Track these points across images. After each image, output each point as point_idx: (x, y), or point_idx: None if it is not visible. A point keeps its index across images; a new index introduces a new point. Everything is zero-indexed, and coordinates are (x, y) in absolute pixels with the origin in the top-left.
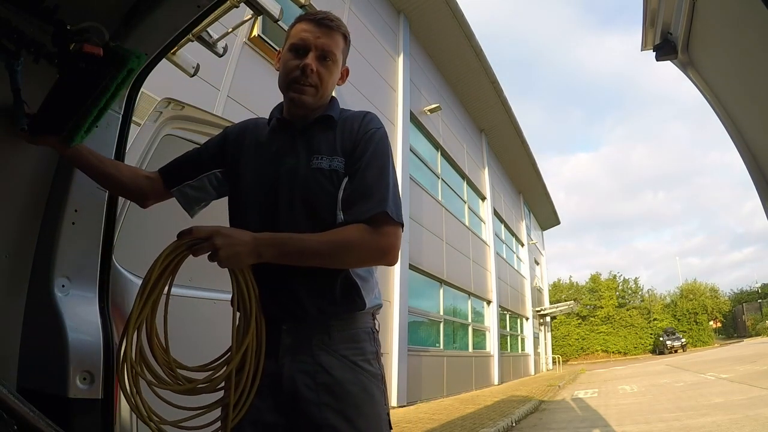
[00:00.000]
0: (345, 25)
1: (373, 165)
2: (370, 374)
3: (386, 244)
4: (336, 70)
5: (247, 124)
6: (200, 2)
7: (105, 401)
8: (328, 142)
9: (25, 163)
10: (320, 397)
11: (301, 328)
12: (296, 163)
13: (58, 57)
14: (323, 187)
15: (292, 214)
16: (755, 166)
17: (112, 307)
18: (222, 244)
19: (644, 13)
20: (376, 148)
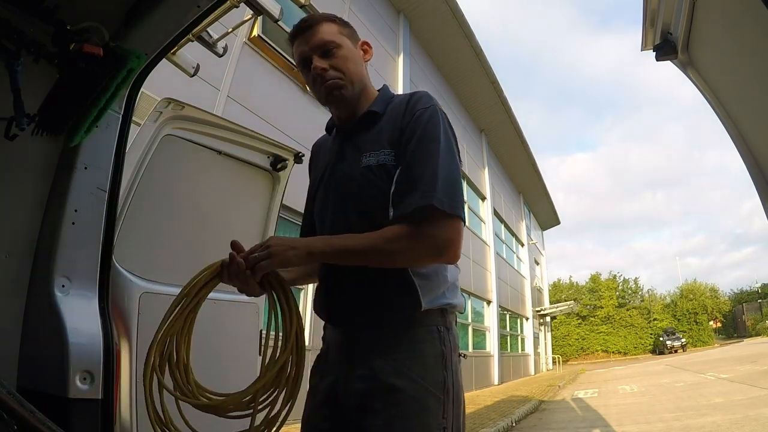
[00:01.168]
0: (328, 14)
1: (419, 150)
2: (425, 380)
3: (439, 241)
4: (348, 52)
5: (317, 142)
6: (200, 2)
7: (105, 401)
8: (374, 137)
9: (25, 163)
10: (371, 404)
11: (356, 331)
12: (347, 167)
13: (58, 57)
14: (372, 184)
15: (345, 218)
16: (755, 166)
17: (112, 307)
18: (276, 244)
19: (644, 13)
20: (424, 130)
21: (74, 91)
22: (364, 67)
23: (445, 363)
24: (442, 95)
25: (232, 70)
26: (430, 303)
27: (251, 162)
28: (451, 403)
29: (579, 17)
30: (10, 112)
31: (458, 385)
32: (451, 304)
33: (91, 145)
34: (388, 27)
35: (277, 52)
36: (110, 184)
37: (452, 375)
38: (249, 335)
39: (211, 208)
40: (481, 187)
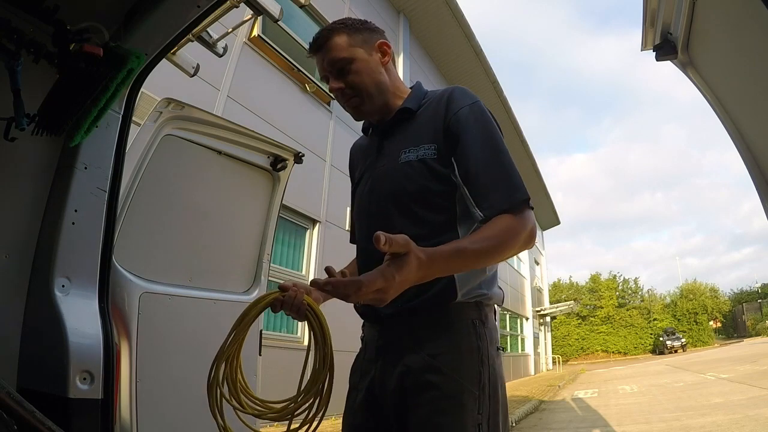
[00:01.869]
0: (338, 24)
1: (487, 148)
2: (460, 377)
3: (531, 230)
4: (362, 65)
5: (355, 144)
6: (200, 2)
7: (105, 401)
8: (412, 133)
9: (25, 163)
10: (408, 401)
11: (393, 327)
12: (386, 163)
13: (58, 57)
14: (412, 180)
15: (386, 214)
16: (755, 166)
17: (112, 307)
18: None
19: (644, 13)
20: (483, 128)
21: (74, 91)
22: (384, 71)
23: (481, 357)
24: None
25: (232, 70)
26: (466, 295)
27: (251, 162)
28: (487, 399)
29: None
30: (10, 112)
31: (495, 379)
32: (487, 296)
33: (91, 145)
34: (388, 27)
35: (277, 52)
36: (110, 184)
37: (488, 369)
38: (249, 335)
39: (211, 208)
40: None
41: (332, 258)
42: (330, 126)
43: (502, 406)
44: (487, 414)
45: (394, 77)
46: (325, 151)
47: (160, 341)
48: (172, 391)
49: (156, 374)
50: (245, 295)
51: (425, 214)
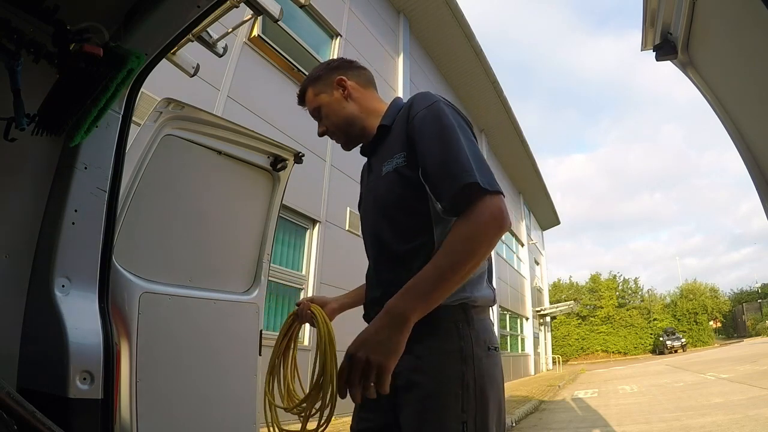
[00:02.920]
0: (306, 80)
1: (438, 143)
2: (443, 376)
3: (494, 213)
4: (328, 108)
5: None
6: (200, 2)
7: (105, 401)
8: (388, 146)
9: (25, 163)
10: (400, 399)
11: None
12: (374, 180)
13: (58, 57)
14: (390, 189)
15: (373, 223)
16: (755, 166)
17: (112, 307)
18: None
19: (644, 13)
20: (436, 125)
21: (74, 91)
22: (349, 103)
23: (464, 358)
24: (442, 95)
25: (232, 70)
26: (449, 298)
27: (251, 162)
28: (472, 397)
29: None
30: (10, 112)
31: (483, 378)
32: (471, 298)
33: (91, 145)
34: (388, 27)
35: (277, 52)
36: (110, 184)
37: (473, 369)
38: (249, 335)
39: (211, 208)
40: None
41: (332, 258)
42: None
43: (495, 405)
44: (474, 412)
45: (365, 102)
46: (325, 151)
47: (160, 341)
48: (172, 391)
49: (156, 374)
50: (245, 295)
51: (403, 219)
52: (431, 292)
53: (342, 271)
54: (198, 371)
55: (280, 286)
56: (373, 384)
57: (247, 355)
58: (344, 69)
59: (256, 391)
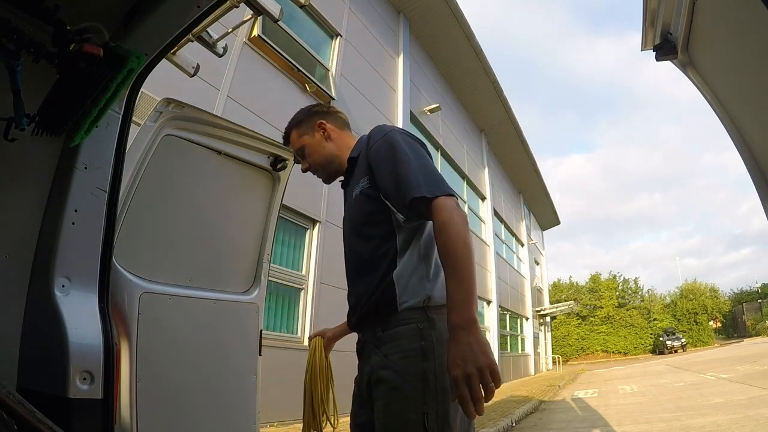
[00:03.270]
0: (290, 124)
1: (390, 164)
2: (405, 372)
3: (448, 217)
4: (310, 148)
5: None
6: (200, 2)
7: (105, 401)
8: (355, 174)
9: (25, 163)
10: (373, 394)
11: (365, 333)
12: (347, 204)
13: (58, 57)
14: (359, 207)
15: (348, 241)
16: (755, 166)
17: (112, 307)
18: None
19: (644, 13)
20: (388, 150)
21: (74, 91)
22: (329, 143)
23: (425, 356)
24: (442, 95)
25: (232, 70)
26: (407, 303)
27: (251, 162)
28: (433, 391)
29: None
30: (10, 112)
31: (444, 374)
32: (431, 299)
33: (91, 145)
34: (388, 27)
35: (277, 52)
36: (110, 184)
37: (434, 366)
38: (249, 335)
39: (211, 208)
40: (481, 187)
41: (332, 258)
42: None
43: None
44: (435, 404)
45: (341, 140)
46: None
47: (160, 341)
48: (172, 391)
49: (156, 374)
50: (245, 295)
51: (369, 231)
52: (468, 293)
53: (342, 271)
54: (198, 371)
55: (280, 286)
56: (492, 384)
57: (247, 355)
58: (323, 114)
59: (256, 391)
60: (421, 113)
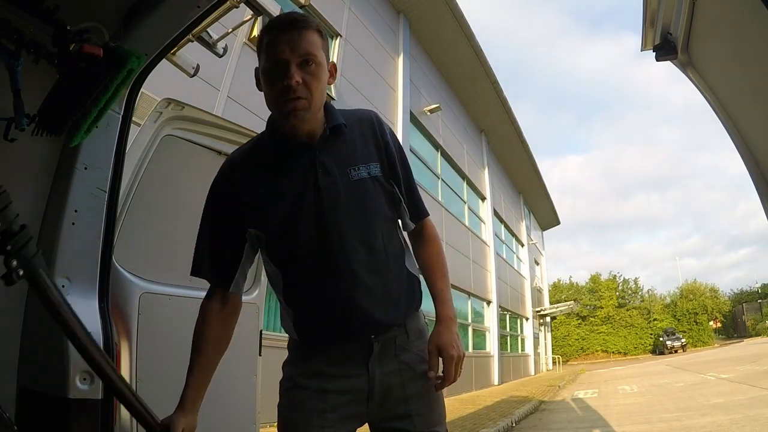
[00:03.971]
0: (315, 22)
1: (407, 174)
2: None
3: (435, 234)
4: (322, 72)
5: (243, 162)
6: (200, 2)
7: (105, 401)
8: (351, 150)
9: (25, 163)
10: (407, 391)
11: (386, 334)
12: (333, 180)
13: (58, 57)
14: (370, 196)
15: (349, 229)
16: (755, 166)
17: (112, 307)
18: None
19: (644, 13)
20: (401, 154)
21: (74, 91)
22: (325, 85)
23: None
24: (442, 95)
25: (232, 71)
26: (418, 308)
27: None
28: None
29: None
30: (10, 112)
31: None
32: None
33: (91, 145)
34: (388, 27)
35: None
36: (110, 184)
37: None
38: (249, 335)
39: None
40: (481, 187)
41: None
42: None
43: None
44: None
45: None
46: None
47: (160, 341)
48: (172, 391)
49: (156, 374)
50: (245, 295)
51: (382, 222)
52: (451, 293)
53: None
54: None
55: None
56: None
57: (247, 355)
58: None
59: (256, 391)
60: (421, 113)
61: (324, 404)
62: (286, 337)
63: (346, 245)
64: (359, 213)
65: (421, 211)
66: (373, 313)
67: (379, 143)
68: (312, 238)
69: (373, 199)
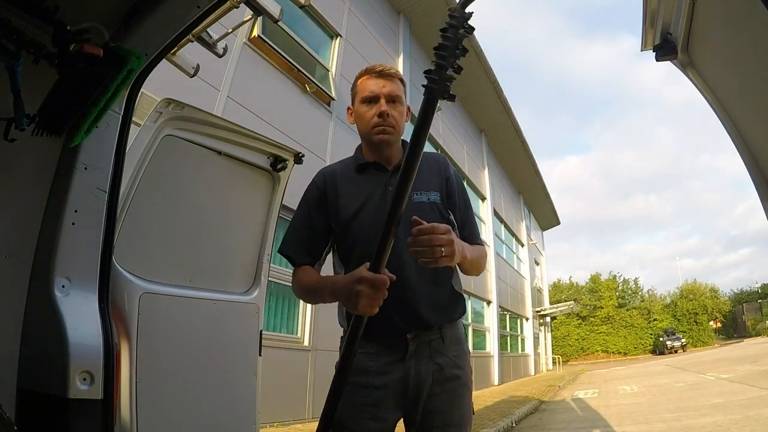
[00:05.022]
0: (401, 75)
1: (467, 208)
2: (466, 372)
3: (485, 258)
4: (402, 111)
5: (334, 171)
6: (200, 2)
7: (105, 402)
8: (420, 180)
9: (25, 163)
10: (434, 389)
11: (423, 335)
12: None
13: (58, 57)
14: (427, 216)
15: (403, 237)
16: (755, 166)
17: (112, 307)
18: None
19: (644, 13)
20: (463, 191)
21: (74, 91)
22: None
23: (469, 360)
24: None
25: (232, 71)
26: (456, 315)
27: (251, 162)
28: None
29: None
30: (10, 112)
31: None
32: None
33: (91, 145)
34: (388, 27)
35: (277, 52)
36: (110, 184)
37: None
38: (249, 335)
39: (211, 208)
40: (481, 187)
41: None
42: (330, 126)
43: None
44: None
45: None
46: (325, 151)
47: (160, 341)
48: (172, 391)
49: (156, 374)
50: (245, 296)
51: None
52: (468, 257)
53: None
54: (198, 371)
55: (279, 286)
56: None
57: (247, 355)
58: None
59: (256, 391)
60: None
61: (367, 398)
62: (286, 337)
63: (400, 252)
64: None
65: (474, 238)
66: (415, 310)
67: (442, 178)
68: (369, 241)
69: (429, 219)
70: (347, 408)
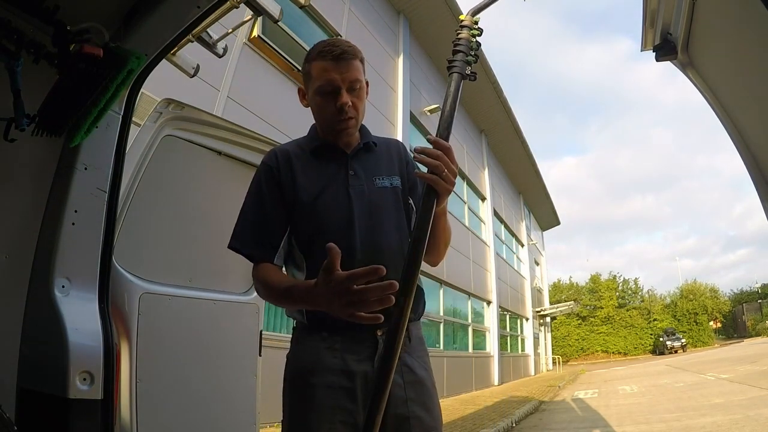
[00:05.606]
0: (358, 50)
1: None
2: (431, 374)
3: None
4: (363, 93)
5: (287, 150)
6: (200, 3)
7: (105, 402)
8: (378, 164)
9: (25, 163)
10: (407, 394)
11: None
12: (360, 183)
13: (58, 58)
14: (388, 202)
15: (369, 225)
16: (755, 166)
17: (112, 308)
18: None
19: (644, 14)
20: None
21: (74, 91)
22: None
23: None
24: (442, 95)
25: (232, 71)
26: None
27: (251, 162)
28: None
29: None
30: (10, 112)
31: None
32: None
33: (91, 145)
34: (388, 27)
35: (277, 52)
36: (110, 184)
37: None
38: (249, 335)
39: (210, 208)
40: (481, 188)
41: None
42: None
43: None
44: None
45: None
46: None
47: (160, 341)
48: (172, 391)
49: (156, 374)
50: (245, 296)
51: (402, 226)
52: (444, 226)
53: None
54: (198, 371)
55: None
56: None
57: (247, 356)
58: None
59: (256, 391)
60: (420, 113)
61: (335, 401)
62: (285, 337)
63: (359, 237)
64: (378, 213)
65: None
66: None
67: (402, 163)
68: (334, 227)
69: (389, 204)
70: (314, 413)
